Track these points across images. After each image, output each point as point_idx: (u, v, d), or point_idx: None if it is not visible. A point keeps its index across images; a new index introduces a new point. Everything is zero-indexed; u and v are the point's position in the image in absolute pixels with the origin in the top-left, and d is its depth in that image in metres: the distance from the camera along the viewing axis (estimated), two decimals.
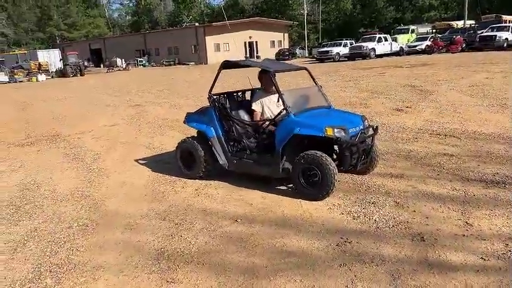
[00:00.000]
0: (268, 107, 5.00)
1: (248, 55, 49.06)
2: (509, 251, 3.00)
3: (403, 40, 34.39)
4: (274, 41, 52.67)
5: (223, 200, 4.43)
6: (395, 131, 7.08)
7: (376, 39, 31.47)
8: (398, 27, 40.40)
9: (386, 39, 32.15)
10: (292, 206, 4.14)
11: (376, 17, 56.20)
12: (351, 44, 33.33)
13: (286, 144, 4.32)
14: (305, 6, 54.55)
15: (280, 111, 4.60)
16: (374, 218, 3.71)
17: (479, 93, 10.02)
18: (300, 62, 35.79)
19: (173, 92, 16.25)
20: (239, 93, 5.55)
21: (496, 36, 27.06)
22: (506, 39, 26.84)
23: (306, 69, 5.16)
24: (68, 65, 35.39)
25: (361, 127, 4.47)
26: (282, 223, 3.77)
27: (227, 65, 5.13)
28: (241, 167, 4.83)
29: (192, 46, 46.24)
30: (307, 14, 55.47)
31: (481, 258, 2.93)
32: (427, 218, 3.64)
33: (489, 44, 26.88)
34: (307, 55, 46.91)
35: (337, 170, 4.09)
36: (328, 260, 3.05)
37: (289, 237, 3.47)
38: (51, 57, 40.71)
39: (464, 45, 29.00)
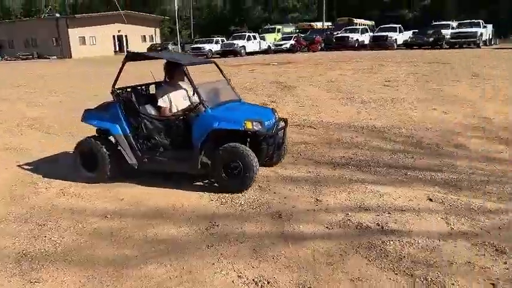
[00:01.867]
0: (176, 101, 4.80)
1: (118, 49, 46.90)
2: (349, 220, 3.57)
3: (271, 39, 36.37)
4: (145, 36, 51.17)
5: (92, 198, 4.34)
6: None
7: (246, 37, 32.79)
8: (266, 27, 42.55)
9: (255, 38, 33.68)
10: (164, 197, 4.26)
11: (245, 16, 58.31)
12: (222, 42, 34.15)
13: (205, 139, 4.28)
14: (176, 1, 54.01)
15: (191, 106, 4.58)
16: (240, 202, 4.04)
17: (333, 88, 11.27)
18: None
19: (33, 88, 14.83)
20: (143, 87, 5.18)
21: (348, 37, 30.37)
22: (357, 39, 30.32)
23: (214, 62, 5.07)
24: None
25: (274, 120, 4.66)
26: (153, 214, 3.87)
27: (132, 56, 4.88)
28: (154, 166, 4.60)
29: (54, 39, 42.40)
30: (178, 9, 54.97)
31: (327, 227, 3.44)
32: (285, 198, 4.10)
33: (343, 44, 30.02)
34: (180, 51, 46.60)
35: (257, 162, 4.21)
36: (197, 243, 3.26)
37: (161, 227, 3.60)
38: None
39: (323, 44, 31.93)
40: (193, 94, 4.54)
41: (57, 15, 48.27)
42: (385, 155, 5.36)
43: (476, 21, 28.87)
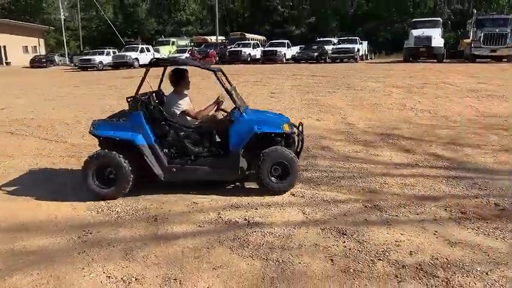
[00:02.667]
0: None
1: None
2: (220, 217, 3.86)
3: (165, 51, 36.16)
4: (27, 47, 47.28)
5: None
6: None
7: (139, 49, 32.16)
8: (160, 39, 42.19)
9: (149, 50, 33.18)
10: (36, 210, 4.15)
11: (138, 28, 57.06)
12: (114, 53, 33.06)
13: (246, 144, 4.29)
14: (61, 11, 50.94)
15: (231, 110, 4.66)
16: (117, 210, 4.11)
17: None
18: (60, 69, 33.33)
19: None
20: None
21: (241, 51, 31.49)
22: (249, 54, 31.58)
23: (220, 70, 4.88)
24: None
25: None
26: (23, 228, 3.77)
27: (156, 63, 4.80)
28: (184, 175, 4.43)
29: None
30: (65, 19, 51.91)
31: (198, 226, 3.69)
32: (162, 203, 4.26)
33: (237, 58, 31.04)
34: (68, 62, 43.94)
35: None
36: (68, 251, 3.28)
37: (31, 239, 3.52)
38: None
39: (217, 58, 32.65)
40: None
41: None
42: None
43: (353, 38, 32.02)
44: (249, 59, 31.13)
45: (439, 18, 29.12)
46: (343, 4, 49.58)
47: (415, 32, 25.33)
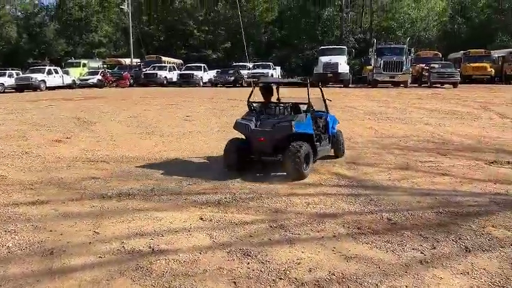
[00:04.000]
0: None
1: None
2: (123, 247, 3.71)
3: (76, 73, 34.52)
4: None
5: None
6: (51, 161, 7.19)
7: (46, 71, 30.36)
8: (70, 61, 40.25)
9: (57, 72, 31.46)
10: None
11: (46, 49, 53.90)
12: (17, 75, 30.79)
13: None
14: None
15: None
16: (7, 245, 3.77)
17: (135, 123, 11.42)
18: None
19: None
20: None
21: (157, 74, 31.17)
22: (165, 77, 31.33)
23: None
24: None
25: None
26: None
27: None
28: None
29: None
30: None
31: (99, 257, 3.51)
32: (61, 234, 4.00)
33: (152, 81, 30.61)
34: None
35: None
36: None
37: None
38: None
39: (132, 80, 31.89)
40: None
41: None
42: (171, 184, 5.73)
43: (267, 63, 33.30)
44: (165, 82, 30.87)
45: (344, 46, 31.46)
46: (258, 31, 51.44)
47: (324, 59, 27.06)
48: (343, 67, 26.69)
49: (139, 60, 41.60)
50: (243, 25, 49.96)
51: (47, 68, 31.28)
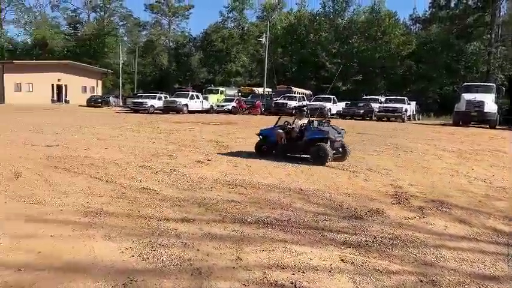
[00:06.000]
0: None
1: (55, 98, 45.67)
2: (265, 277, 3.73)
3: (213, 99, 37.43)
4: (86, 87, 50.52)
5: (7, 250, 4.17)
6: (195, 181, 7.74)
7: (189, 96, 33.45)
8: (210, 87, 43.83)
9: (198, 97, 34.45)
10: (84, 251, 4.19)
11: (190, 76, 59.78)
12: (165, 98, 34.53)
13: None
14: (121, 56, 54.41)
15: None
16: (162, 259, 4.08)
17: None
18: (113, 111, 35.10)
19: None
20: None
21: (287, 103, 32.01)
22: (294, 106, 31.97)
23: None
24: None
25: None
26: (69, 268, 3.79)
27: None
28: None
29: None
30: (123, 64, 55.31)
31: (244, 284, 3.58)
32: (207, 255, 4.20)
33: (282, 110, 31.48)
34: (121, 104, 46.29)
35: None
36: None
37: (77, 281, 3.53)
38: None
39: (263, 109, 33.30)
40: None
41: None
42: (306, 216, 5.67)
43: (401, 98, 31.83)
44: (293, 112, 31.53)
45: (492, 84, 28.59)
46: (393, 64, 49.84)
47: (467, 96, 24.89)
48: (490, 106, 24.14)
49: (270, 90, 43.43)
50: (377, 58, 49.05)
51: (190, 93, 34.54)
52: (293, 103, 32.19)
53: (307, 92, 42.82)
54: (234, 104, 34.22)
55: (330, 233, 5.02)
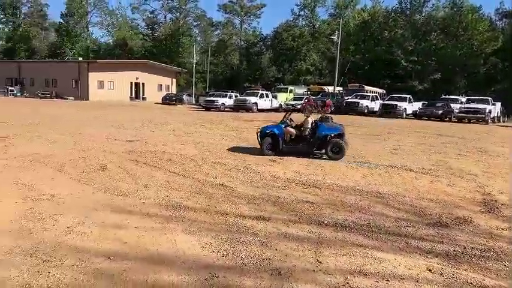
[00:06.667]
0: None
1: (133, 96, 48.36)
2: (347, 283, 3.59)
3: (282, 98, 37.34)
4: (161, 85, 52.93)
5: (97, 238, 4.42)
6: (268, 179, 7.73)
7: (259, 94, 33.66)
8: (279, 86, 43.84)
9: (267, 96, 34.55)
10: (167, 244, 4.33)
11: (260, 75, 60.33)
12: (235, 96, 35.08)
13: None
14: (194, 55, 56.32)
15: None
16: (241, 256, 4.09)
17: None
18: (186, 108, 36.39)
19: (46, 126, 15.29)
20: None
21: (359, 103, 31.05)
22: (367, 106, 30.98)
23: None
24: None
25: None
26: (155, 260, 3.93)
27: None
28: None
29: (73, 80, 44.02)
30: (196, 63, 57.22)
31: None
32: (286, 255, 4.14)
33: (353, 109, 30.64)
34: (194, 102, 47.87)
35: None
36: None
37: (161, 273, 3.64)
38: None
39: (333, 108, 32.62)
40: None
41: (80, 58, 50.55)
42: (387, 222, 5.41)
43: (485, 98, 29.59)
44: (365, 111, 30.54)
45: None
46: (476, 62, 46.58)
47: None
48: None
49: (341, 88, 42.49)
50: (458, 56, 46.10)
51: (260, 92, 34.77)
52: (365, 102, 31.20)
53: (380, 90, 41.34)
54: (302, 102, 33.94)
55: (414, 240, 4.74)
